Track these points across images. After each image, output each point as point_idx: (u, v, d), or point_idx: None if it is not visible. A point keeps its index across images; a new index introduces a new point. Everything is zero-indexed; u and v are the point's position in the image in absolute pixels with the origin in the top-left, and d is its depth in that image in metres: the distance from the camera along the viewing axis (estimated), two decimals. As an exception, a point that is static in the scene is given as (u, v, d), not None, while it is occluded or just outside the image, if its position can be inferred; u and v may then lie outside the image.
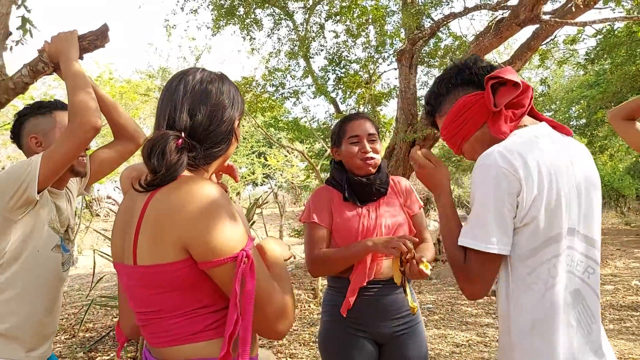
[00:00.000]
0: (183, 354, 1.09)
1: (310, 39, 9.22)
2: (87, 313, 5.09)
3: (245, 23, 8.87)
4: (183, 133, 1.14)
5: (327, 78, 9.87)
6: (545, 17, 5.83)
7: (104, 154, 2.06)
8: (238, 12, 8.69)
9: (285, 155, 14.63)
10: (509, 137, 1.33)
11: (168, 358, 1.11)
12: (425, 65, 8.84)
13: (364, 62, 9.12)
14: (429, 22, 7.85)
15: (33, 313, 1.75)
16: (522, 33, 6.23)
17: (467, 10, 6.88)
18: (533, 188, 1.23)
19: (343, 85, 9.37)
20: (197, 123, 1.16)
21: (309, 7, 9.03)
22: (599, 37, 9.15)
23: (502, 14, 6.33)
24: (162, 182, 1.08)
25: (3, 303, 1.71)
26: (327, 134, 9.68)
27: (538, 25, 6.09)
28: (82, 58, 1.85)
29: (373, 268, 2.01)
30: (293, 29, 9.32)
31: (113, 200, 18.15)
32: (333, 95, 9.69)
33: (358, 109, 9.41)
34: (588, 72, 12.04)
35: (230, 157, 1.34)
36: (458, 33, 8.77)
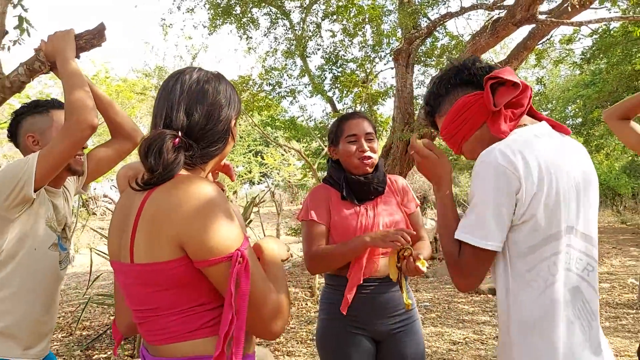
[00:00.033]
0: (180, 352, 1.10)
1: (307, 38, 9.22)
2: (84, 311, 5.08)
3: (242, 22, 8.87)
4: (180, 132, 1.14)
5: (323, 77, 9.87)
6: (542, 16, 5.84)
7: (102, 153, 2.05)
8: (234, 11, 8.69)
9: (282, 154, 14.61)
10: (509, 136, 1.34)
11: (165, 355, 1.11)
12: (422, 65, 8.86)
13: (361, 61, 9.13)
14: (426, 21, 7.87)
15: (30, 311, 1.75)
16: (518, 33, 6.25)
17: (463, 10, 6.89)
18: (533, 186, 1.24)
19: (340, 85, 9.37)
20: (193, 122, 1.16)
21: (306, 6, 9.03)
22: (595, 36, 9.17)
23: (498, 14, 6.35)
24: (159, 181, 1.09)
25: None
26: (324, 133, 9.67)
27: (534, 25, 6.11)
28: (78, 57, 1.85)
29: (371, 266, 2.01)
30: (290, 28, 9.32)
31: (109, 199, 18.14)
32: (330, 95, 9.69)
33: (355, 108, 9.41)
34: (584, 71, 12.08)
35: (227, 156, 1.34)
36: (454, 32, 8.81)
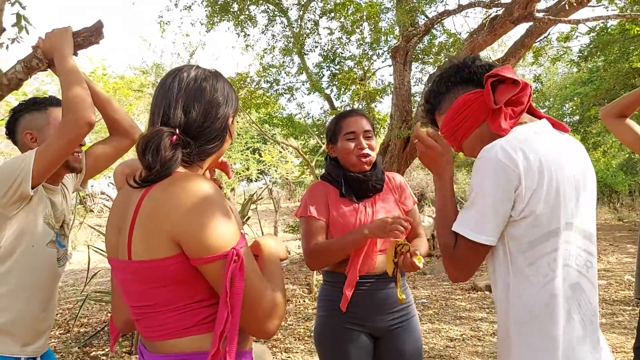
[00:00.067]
0: (177, 348, 1.10)
1: (305, 36, 9.20)
2: (81, 308, 5.09)
3: (240, 19, 8.85)
4: (177, 130, 1.14)
5: (321, 74, 9.86)
6: (539, 14, 5.84)
7: (99, 150, 2.05)
8: (232, 8, 8.66)
9: (280, 152, 14.59)
10: (510, 133, 1.35)
11: (163, 351, 1.12)
12: (420, 62, 8.86)
13: (359, 58, 9.13)
14: (423, 19, 7.87)
15: (28, 308, 1.76)
16: (516, 30, 6.25)
17: (461, 8, 6.90)
18: (533, 182, 1.25)
19: (337, 82, 9.36)
20: (191, 120, 1.17)
21: (304, 3, 9.01)
22: (592, 34, 9.18)
23: (496, 12, 6.35)
24: (156, 178, 1.09)
25: None
26: (321, 130, 9.68)
27: (532, 23, 6.12)
28: (76, 54, 1.85)
29: (370, 263, 2.02)
30: (287, 26, 9.31)
31: (107, 196, 18.10)
32: (327, 92, 9.68)
33: (352, 106, 9.42)
34: (581, 69, 12.10)
35: (225, 153, 1.35)
36: (452, 30, 8.80)
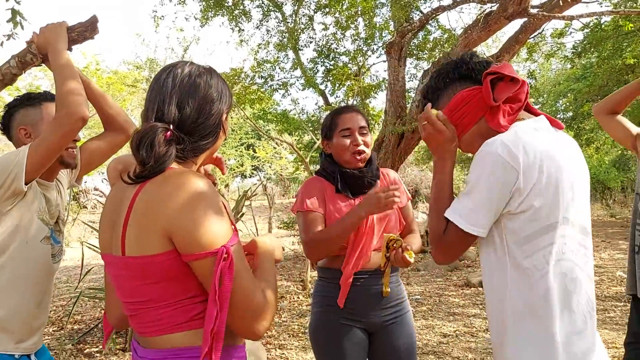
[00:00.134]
0: (170, 343, 1.11)
1: (299, 31, 9.18)
2: (75, 305, 5.07)
3: (234, 14, 8.81)
4: (171, 125, 1.14)
5: (316, 70, 9.84)
6: (533, 10, 5.85)
7: (94, 145, 2.05)
8: (226, 3, 8.62)
9: (274, 147, 14.59)
10: (511, 128, 1.37)
11: (156, 347, 1.12)
12: (414, 58, 8.87)
13: (353, 54, 9.12)
14: (418, 14, 7.86)
15: (22, 304, 1.75)
16: (510, 26, 6.26)
17: (455, 4, 6.90)
18: (532, 177, 1.27)
19: (332, 78, 9.35)
20: (185, 116, 1.17)
21: (298, -2, 8.99)
22: (586, 30, 9.20)
23: (490, 8, 6.35)
24: (150, 173, 1.09)
25: None
26: (316, 126, 9.67)
27: (526, 19, 6.12)
28: (70, 50, 1.84)
29: (366, 258, 2.03)
30: (282, 21, 9.28)
31: (100, 192, 18.05)
32: (322, 88, 9.67)
33: (347, 101, 9.42)
34: (575, 65, 12.12)
35: (219, 149, 1.35)
36: (447, 26, 8.79)
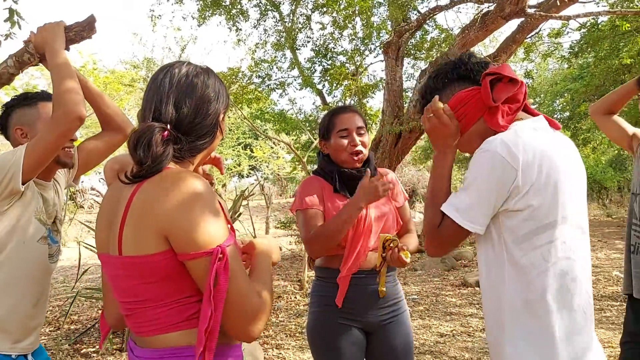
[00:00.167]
0: (167, 342, 1.11)
1: (297, 31, 9.19)
2: (72, 305, 5.07)
3: (231, 13, 8.81)
4: (169, 125, 1.15)
5: (313, 70, 9.86)
6: (530, 10, 5.86)
7: (92, 145, 2.04)
8: (224, 2, 8.63)
9: (272, 147, 14.58)
10: (510, 128, 1.38)
11: (153, 346, 1.12)
12: (412, 58, 8.89)
13: (351, 54, 9.13)
14: (416, 14, 7.88)
15: (18, 305, 1.75)
16: (507, 26, 6.26)
17: (453, 3, 6.91)
18: (531, 177, 1.28)
19: (329, 77, 9.37)
20: (182, 116, 1.17)
21: (296, -2, 8.99)
22: (583, 30, 9.23)
23: (487, 7, 6.37)
24: (147, 173, 1.09)
25: None
26: (313, 126, 9.68)
27: (523, 19, 6.14)
28: (68, 49, 1.83)
29: (364, 259, 2.03)
30: (279, 20, 9.28)
31: (97, 192, 17.99)
32: (319, 87, 9.69)
33: (344, 101, 9.42)
34: (572, 65, 12.15)
35: (216, 149, 1.35)
36: (444, 26, 8.81)
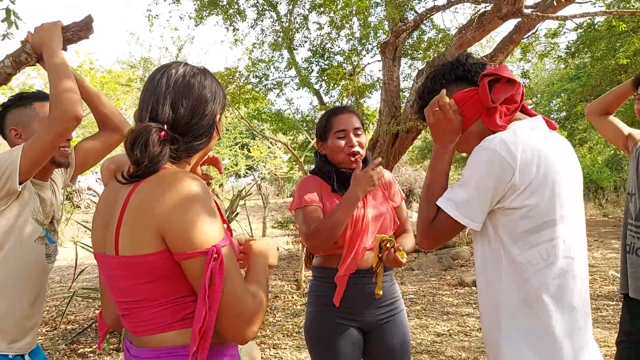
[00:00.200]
0: (163, 342, 1.11)
1: (294, 30, 9.19)
2: (68, 305, 5.05)
3: (229, 13, 8.80)
4: (165, 126, 1.15)
5: (310, 70, 9.85)
6: (527, 11, 5.87)
7: (89, 145, 2.04)
8: (221, 2, 8.62)
9: (269, 147, 14.59)
10: (509, 127, 1.39)
11: (149, 345, 1.13)
12: (409, 58, 8.89)
13: (348, 54, 9.13)
14: (413, 14, 7.88)
15: (15, 304, 1.75)
16: (504, 26, 6.27)
17: (450, 4, 6.92)
18: (529, 176, 1.29)
19: (327, 77, 9.36)
20: (179, 116, 1.17)
21: (293, -2, 8.99)
22: (580, 31, 9.24)
23: (484, 7, 6.37)
24: (144, 173, 1.10)
25: None
26: (310, 126, 9.68)
27: (520, 19, 6.15)
28: (65, 49, 1.83)
29: (361, 259, 2.04)
30: (277, 20, 9.28)
31: (94, 192, 17.97)
32: (317, 87, 9.69)
33: (342, 101, 9.42)
34: (568, 65, 12.18)
35: (213, 149, 1.35)
36: (441, 26, 8.84)
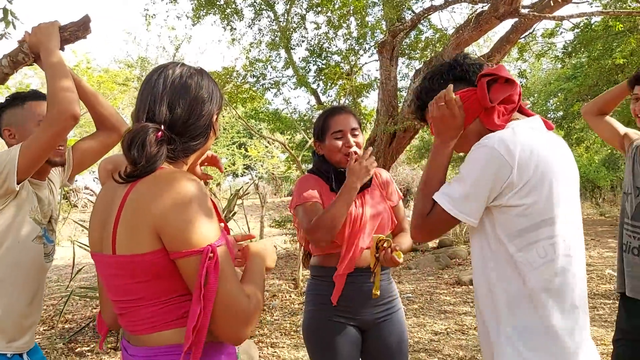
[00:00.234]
0: (161, 341, 1.12)
1: (292, 30, 9.19)
2: (66, 304, 5.05)
3: (226, 13, 8.80)
4: (162, 126, 1.15)
5: (308, 69, 9.86)
6: (524, 11, 5.90)
7: (86, 145, 2.04)
8: (218, 1, 8.61)
9: (266, 146, 14.59)
10: (508, 126, 1.40)
11: (147, 344, 1.13)
12: (406, 58, 8.91)
13: (345, 53, 9.14)
14: (410, 14, 7.90)
15: (13, 304, 1.75)
16: (501, 26, 6.29)
17: (447, 3, 6.94)
18: (527, 174, 1.30)
19: (324, 77, 9.37)
20: (176, 116, 1.18)
21: (290, -3, 8.99)
22: (577, 31, 9.27)
23: (482, 7, 6.39)
24: (141, 173, 1.10)
25: None
26: (308, 126, 9.68)
27: (517, 19, 6.17)
28: (63, 49, 1.83)
29: (359, 255, 2.05)
30: (274, 20, 9.28)
31: (91, 191, 17.93)
32: (314, 87, 9.70)
33: (339, 101, 9.43)
34: (565, 65, 12.20)
35: (211, 148, 1.36)
36: (438, 26, 8.84)
